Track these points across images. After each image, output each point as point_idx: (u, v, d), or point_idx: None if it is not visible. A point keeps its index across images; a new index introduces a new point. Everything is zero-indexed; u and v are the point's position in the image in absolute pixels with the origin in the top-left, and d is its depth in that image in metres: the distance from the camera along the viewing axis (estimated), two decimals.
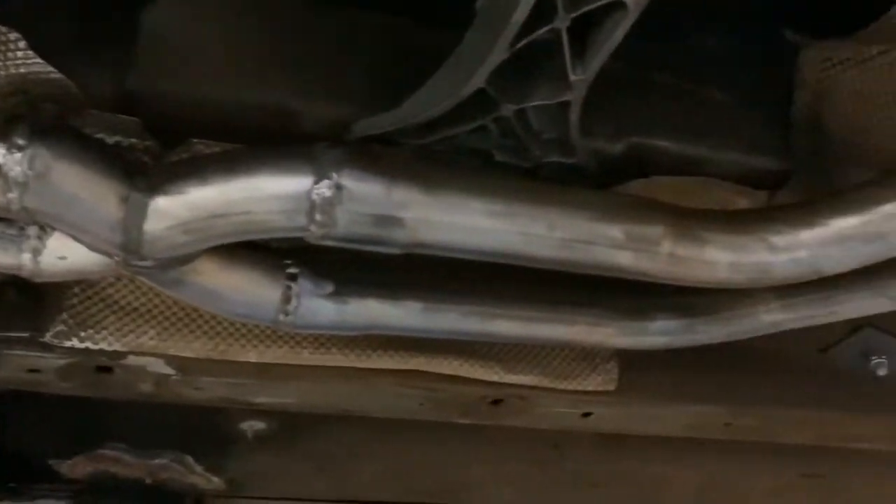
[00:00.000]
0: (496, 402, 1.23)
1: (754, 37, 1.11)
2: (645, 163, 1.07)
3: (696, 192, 1.09)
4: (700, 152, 1.08)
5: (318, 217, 0.80)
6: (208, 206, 0.79)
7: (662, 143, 1.07)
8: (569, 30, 0.79)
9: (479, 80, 0.83)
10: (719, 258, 0.92)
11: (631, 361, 1.24)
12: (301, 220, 0.80)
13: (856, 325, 1.37)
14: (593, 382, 1.22)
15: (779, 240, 0.91)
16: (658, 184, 1.07)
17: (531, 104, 0.89)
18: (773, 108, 1.12)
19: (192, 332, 1.04)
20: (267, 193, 0.79)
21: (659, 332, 1.09)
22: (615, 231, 0.90)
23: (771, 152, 1.11)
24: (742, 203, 1.11)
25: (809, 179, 1.11)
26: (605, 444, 1.55)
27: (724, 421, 1.37)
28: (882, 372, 1.39)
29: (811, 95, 1.10)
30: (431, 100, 0.88)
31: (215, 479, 1.45)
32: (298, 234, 0.82)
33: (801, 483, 1.73)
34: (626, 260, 0.91)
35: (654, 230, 0.90)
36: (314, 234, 0.81)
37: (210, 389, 1.11)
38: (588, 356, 1.23)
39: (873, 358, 1.40)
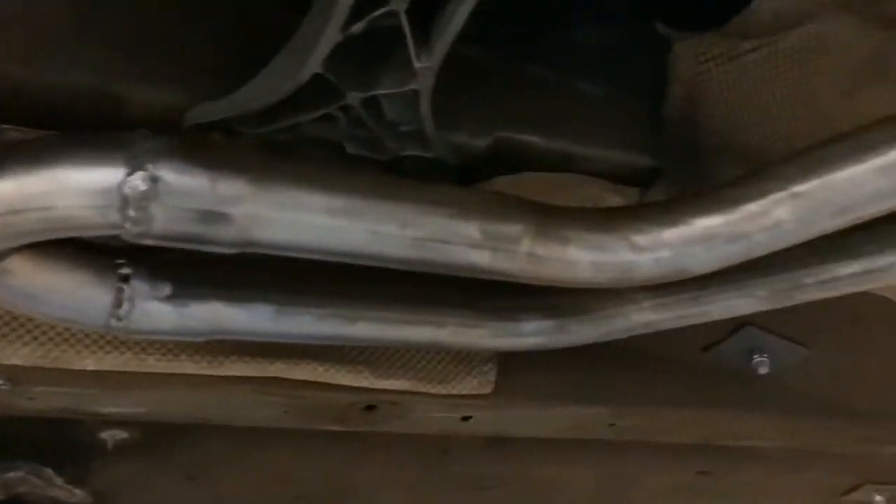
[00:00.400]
0: (369, 407, 1.18)
1: (628, 30, 1.08)
2: (512, 158, 1.03)
3: (566, 189, 1.05)
4: (569, 148, 1.04)
5: (131, 213, 0.73)
6: (5, 201, 0.71)
7: (530, 138, 1.03)
8: (409, 14, 0.74)
9: (314, 65, 0.77)
10: (581, 257, 0.88)
11: (511, 363, 1.21)
12: (114, 217, 0.73)
13: (738, 324, 1.37)
14: (469, 386, 1.18)
15: (641, 239, 0.88)
16: (526, 180, 1.03)
17: (378, 93, 0.84)
18: (645, 103, 1.09)
19: (19, 337, 0.95)
20: (72, 186, 0.72)
21: (531, 333, 1.06)
22: (472, 229, 0.85)
23: (642, 149, 1.08)
24: (614, 200, 1.08)
25: (683, 176, 1.09)
26: (496, 445, 1.51)
27: (607, 422, 1.35)
28: (763, 370, 1.40)
29: (685, 91, 1.07)
30: (269, 85, 0.81)
31: (79, 492, 1.36)
32: (112, 232, 0.75)
33: (697, 480, 1.73)
34: (482, 259, 0.86)
35: (514, 228, 0.86)
36: (129, 231, 0.74)
37: (45, 400, 1.02)
38: (465, 359, 1.19)
39: (755, 356, 1.40)
